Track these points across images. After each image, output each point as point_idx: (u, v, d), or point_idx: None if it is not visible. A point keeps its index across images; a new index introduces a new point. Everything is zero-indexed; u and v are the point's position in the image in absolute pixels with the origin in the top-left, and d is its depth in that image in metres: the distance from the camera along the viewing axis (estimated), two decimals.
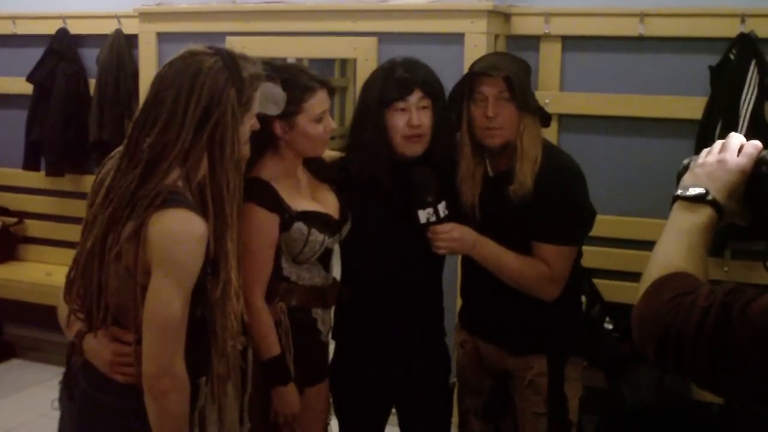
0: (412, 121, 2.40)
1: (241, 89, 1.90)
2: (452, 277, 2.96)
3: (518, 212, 2.41)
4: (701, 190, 1.27)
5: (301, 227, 2.35)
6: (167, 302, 1.80)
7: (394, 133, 2.42)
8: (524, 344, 2.53)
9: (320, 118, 2.35)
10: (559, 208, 2.42)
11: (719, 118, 3.29)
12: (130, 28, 4.30)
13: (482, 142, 2.44)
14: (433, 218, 2.43)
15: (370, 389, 2.59)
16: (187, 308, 1.83)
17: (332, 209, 2.45)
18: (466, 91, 2.44)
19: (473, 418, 2.70)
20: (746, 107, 3.25)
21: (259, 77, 1.98)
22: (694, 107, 3.41)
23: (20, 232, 4.89)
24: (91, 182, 2.00)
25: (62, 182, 4.63)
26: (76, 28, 4.53)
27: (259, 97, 1.99)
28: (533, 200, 2.39)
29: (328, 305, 2.52)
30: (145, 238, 1.79)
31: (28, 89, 4.55)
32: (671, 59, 3.52)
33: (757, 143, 1.30)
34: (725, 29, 3.36)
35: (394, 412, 2.72)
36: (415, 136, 2.41)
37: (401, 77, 2.42)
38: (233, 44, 3.65)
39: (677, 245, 1.25)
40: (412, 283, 2.55)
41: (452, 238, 2.43)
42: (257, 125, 2.05)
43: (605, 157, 3.61)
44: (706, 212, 1.26)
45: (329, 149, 2.54)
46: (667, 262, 1.23)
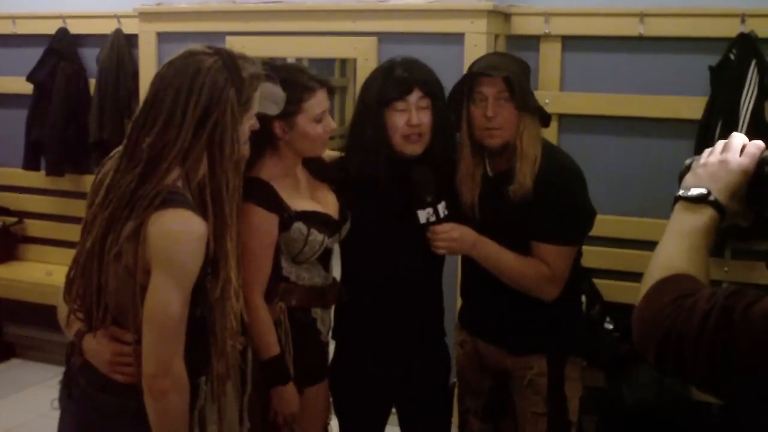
0: (411, 120, 2.40)
1: (240, 89, 1.90)
2: (452, 277, 2.96)
3: (518, 212, 2.41)
4: (703, 190, 1.26)
5: (300, 227, 2.35)
6: (167, 302, 1.80)
7: (393, 132, 2.42)
8: (524, 344, 2.53)
9: (320, 118, 2.35)
10: (558, 208, 2.41)
11: (719, 118, 3.29)
12: (130, 27, 4.30)
13: (482, 142, 2.44)
14: (432, 218, 2.43)
15: (370, 389, 2.59)
16: (186, 308, 1.83)
17: (332, 209, 2.45)
18: (465, 91, 2.44)
19: (473, 418, 2.70)
20: (746, 107, 3.24)
21: (258, 77, 1.98)
22: (694, 107, 3.41)
23: (20, 231, 4.89)
24: (91, 182, 2.00)
25: (62, 182, 4.63)
26: (76, 27, 4.53)
27: (258, 96, 2.00)
28: (533, 200, 2.39)
29: (327, 305, 2.52)
30: (144, 237, 1.79)
31: (28, 89, 4.55)
32: (671, 59, 3.52)
33: (759, 143, 1.29)
34: (725, 29, 3.36)
35: (394, 411, 2.72)
36: (414, 135, 2.41)
37: (401, 77, 2.42)
38: (233, 44, 3.65)
39: (678, 246, 1.24)
40: (411, 283, 2.55)
41: (452, 238, 2.43)
42: (257, 125, 2.05)
43: (605, 157, 3.60)
44: (707, 213, 1.24)
45: (329, 149, 2.54)
46: (668, 263, 1.22)
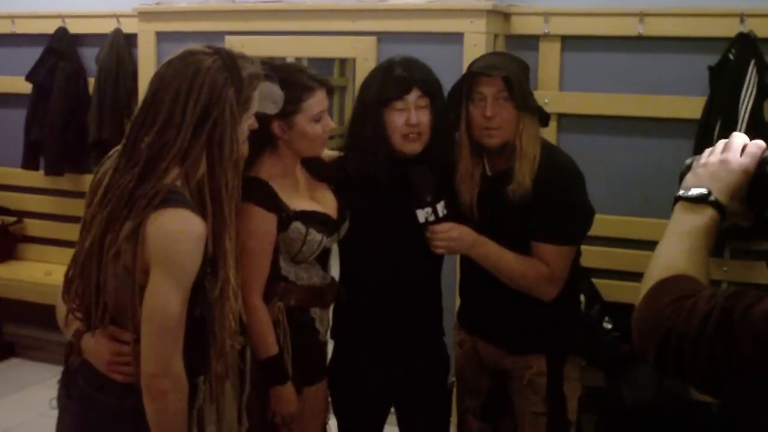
0: (410, 120, 2.39)
1: (239, 89, 1.90)
2: (451, 276, 2.96)
3: (517, 212, 2.41)
4: (703, 190, 1.24)
5: (299, 227, 2.35)
6: (165, 302, 1.80)
7: (392, 132, 2.41)
8: (523, 344, 2.53)
9: (319, 117, 2.35)
10: (557, 207, 2.41)
11: (718, 117, 3.29)
12: (129, 27, 4.30)
13: (481, 141, 2.44)
14: (431, 218, 2.43)
15: (368, 389, 2.58)
16: (185, 308, 1.83)
17: (330, 209, 2.45)
18: (464, 90, 2.44)
19: (472, 417, 2.70)
20: (745, 107, 3.25)
21: (257, 77, 1.98)
22: (693, 107, 3.41)
23: (19, 231, 4.89)
24: (90, 182, 2.00)
25: (61, 181, 4.63)
26: (75, 27, 4.53)
27: (257, 96, 1.99)
28: (532, 200, 2.39)
29: (326, 305, 2.52)
30: (143, 237, 1.79)
31: (27, 88, 4.55)
32: (670, 59, 3.52)
33: (760, 143, 1.27)
34: (724, 29, 3.36)
35: (393, 411, 2.72)
36: (413, 134, 2.41)
37: (400, 76, 2.42)
38: (232, 43, 3.64)
39: (678, 247, 1.23)
40: (410, 282, 2.55)
41: (451, 237, 2.43)
42: (256, 124, 2.05)
43: (604, 156, 3.60)
44: (708, 213, 1.23)
45: (328, 149, 2.54)
46: (667, 264, 1.21)
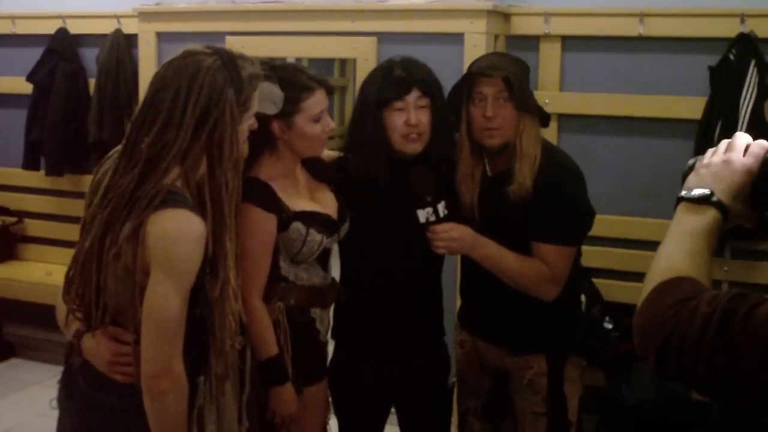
0: (410, 120, 2.39)
1: (239, 89, 1.90)
2: (452, 276, 2.96)
3: (517, 212, 2.41)
4: (705, 191, 1.23)
5: (299, 227, 2.34)
6: (165, 302, 1.80)
7: (392, 132, 2.41)
8: (524, 344, 2.53)
9: (318, 117, 2.35)
10: (558, 208, 2.41)
11: (719, 118, 3.28)
12: (129, 27, 4.30)
13: (481, 142, 2.44)
14: (432, 218, 2.43)
15: (369, 389, 2.58)
16: (185, 308, 1.83)
17: (331, 209, 2.45)
18: (465, 91, 2.44)
19: (473, 417, 2.70)
20: (746, 107, 3.24)
21: (257, 77, 1.98)
22: (693, 107, 3.41)
23: (20, 231, 4.89)
24: (90, 182, 2.00)
25: (62, 182, 4.63)
26: (75, 27, 4.53)
27: (257, 96, 1.99)
28: (532, 200, 2.39)
29: (326, 305, 2.52)
30: (143, 238, 1.79)
31: (27, 89, 4.55)
32: (671, 59, 3.52)
33: (763, 143, 1.26)
34: (725, 29, 3.36)
35: (393, 411, 2.72)
36: (413, 134, 2.41)
37: (399, 76, 2.42)
38: (233, 44, 3.65)
39: (680, 248, 1.21)
40: (410, 282, 2.55)
41: (451, 237, 2.42)
42: (255, 125, 2.05)
43: (605, 157, 3.60)
44: (710, 214, 1.22)
45: (328, 149, 2.54)
46: (669, 266, 1.20)
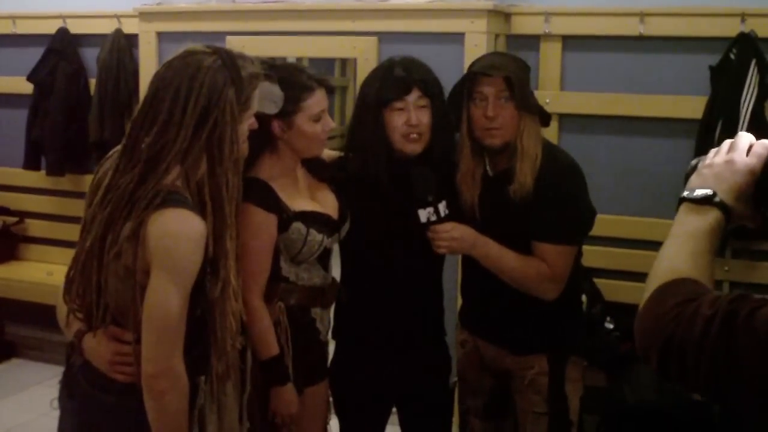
0: (410, 120, 2.39)
1: (239, 88, 1.90)
2: (453, 276, 2.96)
3: (518, 212, 2.40)
4: (708, 191, 1.22)
5: (299, 227, 2.34)
6: (166, 302, 1.80)
7: (392, 132, 2.41)
8: (525, 344, 2.53)
9: (318, 117, 2.35)
10: (559, 207, 2.41)
11: (719, 117, 3.28)
12: (130, 27, 4.30)
13: (482, 142, 2.44)
14: (433, 218, 2.43)
15: (370, 389, 2.58)
16: (185, 308, 1.83)
17: (331, 209, 2.45)
18: (465, 91, 2.44)
19: (474, 417, 2.70)
20: (746, 107, 3.24)
21: (257, 76, 1.98)
22: (694, 107, 3.41)
23: (21, 231, 4.89)
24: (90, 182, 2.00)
25: (63, 182, 4.63)
26: (76, 27, 4.53)
27: (257, 96, 1.99)
28: (533, 200, 2.38)
29: (327, 305, 2.52)
30: (144, 237, 1.79)
31: (28, 89, 4.55)
32: (671, 59, 3.52)
33: (767, 143, 1.25)
34: (725, 29, 3.36)
35: (394, 411, 2.72)
36: (413, 134, 2.41)
37: (399, 76, 2.42)
38: (233, 44, 3.64)
39: (682, 249, 1.20)
40: (411, 282, 2.55)
41: (453, 237, 2.42)
42: (255, 124, 2.05)
43: (605, 156, 3.60)
44: (712, 215, 1.20)
45: (329, 149, 2.54)
46: (670, 267, 1.19)
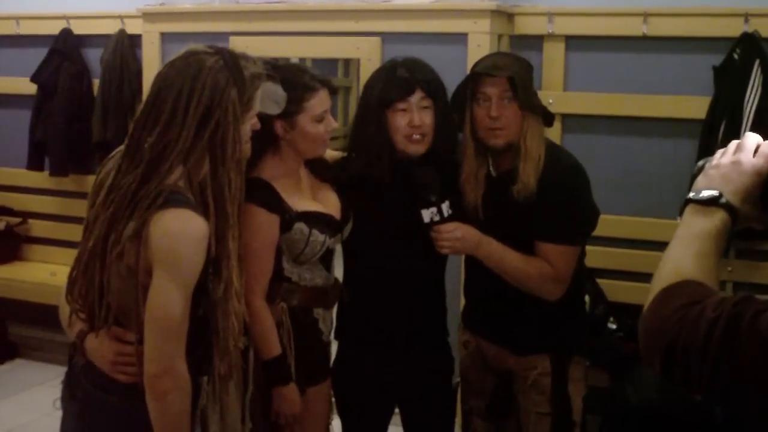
0: (413, 121, 2.39)
1: (242, 89, 1.90)
2: (456, 276, 2.95)
3: (522, 212, 2.40)
4: (714, 192, 1.20)
5: (302, 228, 2.34)
6: (168, 302, 1.80)
7: (395, 132, 2.41)
8: (528, 344, 2.52)
9: (321, 117, 2.34)
10: (562, 207, 2.40)
11: (723, 117, 3.28)
12: (133, 28, 4.30)
13: (485, 142, 2.43)
14: (436, 218, 2.42)
15: (372, 389, 2.58)
16: (188, 308, 1.83)
17: (333, 209, 2.45)
18: (469, 91, 2.43)
19: (476, 418, 2.69)
20: (750, 107, 3.24)
21: (260, 76, 1.98)
22: (697, 107, 3.40)
23: (24, 232, 4.90)
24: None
25: (66, 182, 4.63)
26: (79, 28, 4.54)
27: (259, 96, 1.99)
28: (537, 200, 2.38)
29: (329, 305, 2.51)
30: (146, 237, 1.79)
31: (32, 89, 4.56)
32: (675, 59, 3.52)
33: None
34: (729, 29, 3.35)
35: (397, 412, 2.72)
36: (416, 135, 2.41)
37: (402, 77, 2.42)
38: (236, 44, 3.65)
39: (687, 251, 1.19)
40: (414, 283, 2.55)
41: (456, 237, 2.42)
42: (258, 124, 2.05)
43: (608, 156, 3.60)
44: (719, 216, 1.19)
45: (331, 149, 2.54)
46: (675, 269, 1.17)
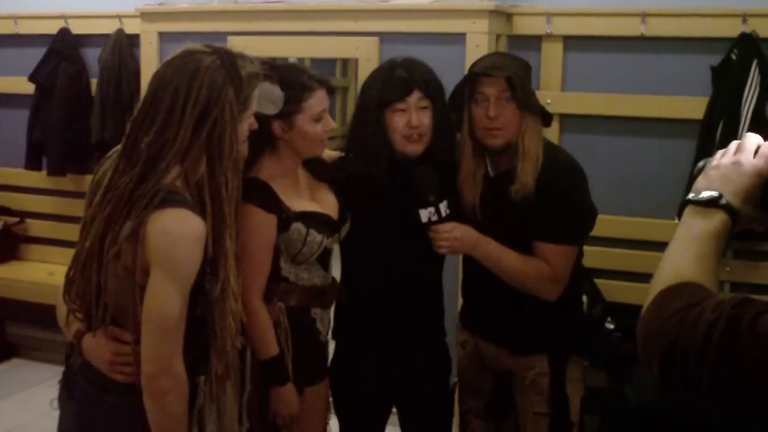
0: (411, 121, 2.39)
1: (239, 88, 1.90)
2: (454, 276, 2.95)
3: (520, 212, 2.40)
4: (714, 193, 1.20)
5: (299, 227, 2.34)
6: (165, 302, 1.80)
7: (393, 133, 2.41)
8: (525, 344, 2.52)
9: (319, 117, 2.34)
10: (560, 207, 2.40)
11: (721, 118, 3.28)
12: (131, 27, 4.31)
13: (484, 142, 2.43)
14: (434, 217, 2.42)
15: (370, 389, 2.58)
16: (185, 308, 1.83)
17: (331, 209, 2.45)
18: (467, 91, 2.43)
19: (474, 418, 2.69)
20: (748, 107, 3.24)
21: (257, 76, 1.98)
22: (695, 107, 3.40)
23: (22, 231, 4.90)
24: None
25: (64, 182, 4.63)
26: (77, 27, 4.54)
27: (256, 96, 1.99)
28: (535, 200, 2.38)
29: (327, 305, 2.51)
30: (143, 237, 1.79)
31: (30, 89, 4.56)
32: (673, 59, 3.52)
33: None
34: (727, 29, 3.36)
35: (394, 412, 2.72)
36: (414, 136, 2.41)
37: (401, 77, 2.41)
38: (235, 44, 3.65)
39: (686, 253, 1.18)
40: (411, 282, 2.55)
41: (454, 237, 2.42)
42: (255, 124, 2.05)
43: (606, 157, 3.60)
44: (718, 217, 1.19)
45: (329, 149, 2.54)
46: (674, 271, 1.17)
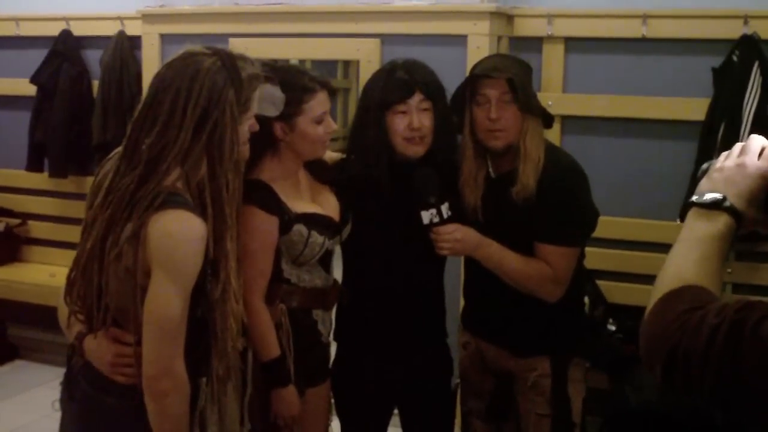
0: (412, 123, 2.39)
1: (239, 90, 1.90)
2: (455, 278, 2.95)
3: (521, 214, 2.40)
4: (718, 196, 1.19)
5: (301, 229, 2.34)
6: (167, 303, 1.80)
7: (394, 135, 2.41)
8: (527, 345, 2.52)
9: (320, 119, 2.34)
10: (561, 208, 2.40)
11: (722, 119, 3.28)
12: (133, 29, 4.31)
13: (485, 144, 2.44)
14: (436, 219, 2.42)
15: (371, 391, 2.58)
16: (186, 309, 1.83)
17: (332, 211, 2.45)
18: (468, 93, 2.43)
19: (476, 419, 2.69)
20: (749, 109, 3.24)
21: (257, 77, 1.98)
22: (696, 109, 3.40)
23: (23, 233, 4.90)
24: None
25: (65, 184, 4.63)
26: (79, 29, 4.53)
27: (257, 97, 1.99)
28: (536, 201, 2.38)
29: (328, 307, 2.51)
30: (144, 239, 1.79)
31: (31, 91, 4.56)
32: (674, 61, 3.52)
33: None
34: (728, 30, 3.36)
35: (396, 413, 2.72)
36: (415, 138, 2.41)
37: (402, 79, 2.41)
38: (236, 46, 3.64)
39: (690, 256, 1.18)
40: (413, 284, 2.55)
41: (455, 239, 2.42)
42: (256, 126, 2.05)
43: (608, 158, 3.60)
44: (722, 220, 1.18)
45: (331, 151, 2.54)
46: (677, 274, 1.16)
